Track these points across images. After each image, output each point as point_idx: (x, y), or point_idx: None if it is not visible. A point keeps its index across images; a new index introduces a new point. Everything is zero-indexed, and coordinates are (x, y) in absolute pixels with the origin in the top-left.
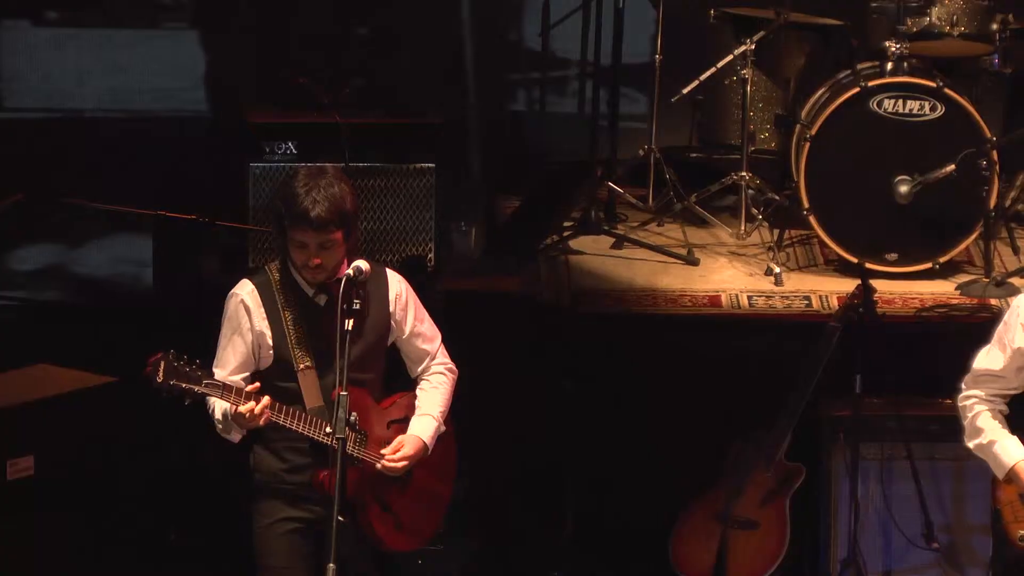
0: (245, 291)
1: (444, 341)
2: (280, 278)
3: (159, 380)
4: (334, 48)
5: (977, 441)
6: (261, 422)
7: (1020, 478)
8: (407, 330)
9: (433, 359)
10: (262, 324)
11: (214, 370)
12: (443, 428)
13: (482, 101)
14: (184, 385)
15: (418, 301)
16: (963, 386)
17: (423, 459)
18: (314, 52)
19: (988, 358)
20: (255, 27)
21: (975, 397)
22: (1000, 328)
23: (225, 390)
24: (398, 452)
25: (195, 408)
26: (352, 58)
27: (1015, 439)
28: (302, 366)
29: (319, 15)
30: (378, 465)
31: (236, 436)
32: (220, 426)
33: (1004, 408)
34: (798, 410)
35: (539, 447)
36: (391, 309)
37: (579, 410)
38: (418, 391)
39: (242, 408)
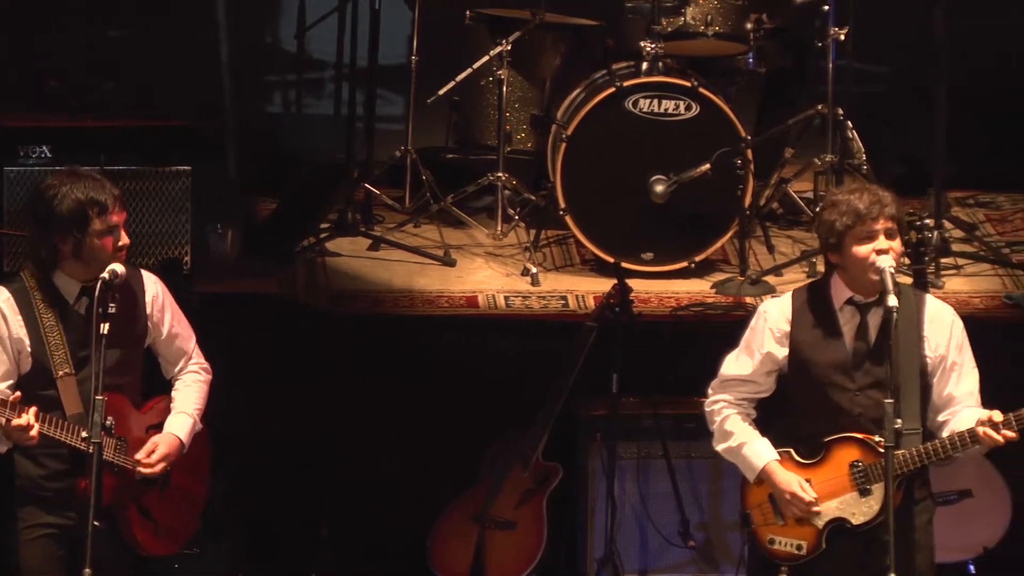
0: (1, 298)
1: (201, 343)
2: (37, 284)
3: None
4: (88, 50)
5: (727, 444)
6: (34, 442)
7: (771, 478)
8: (164, 331)
9: (189, 359)
10: (20, 331)
11: None
12: (199, 426)
13: (238, 103)
14: None
15: (174, 302)
16: (710, 391)
17: (180, 458)
18: (68, 54)
19: (737, 363)
20: (6, 29)
21: (723, 401)
22: (747, 334)
23: None
24: (154, 453)
25: None
26: (107, 60)
27: (765, 441)
28: (61, 373)
29: (74, 17)
30: (137, 471)
31: (2, 447)
32: None
33: (752, 412)
34: (555, 410)
35: (297, 448)
36: (148, 311)
37: (337, 410)
38: (173, 392)
39: (17, 422)
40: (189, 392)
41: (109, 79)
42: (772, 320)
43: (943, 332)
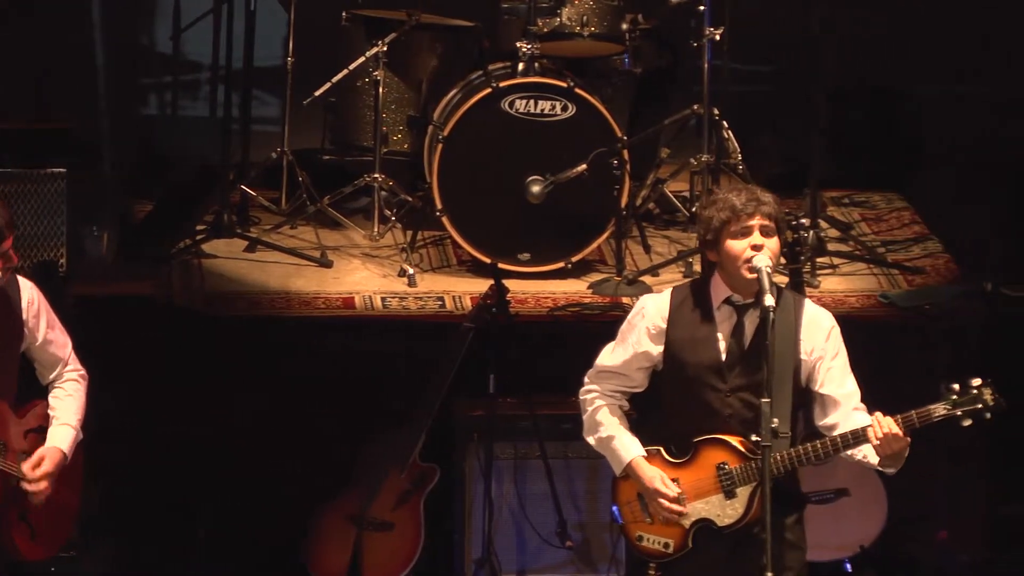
0: None
1: (77, 346)
2: None
3: None
4: None
5: (596, 435)
6: None
7: (637, 473)
8: (40, 338)
9: (66, 365)
10: None
11: None
12: (80, 436)
13: (114, 105)
14: None
15: (49, 308)
16: (586, 379)
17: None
18: None
19: (612, 355)
20: None
21: (596, 392)
22: (625, 327)
23: None
24: (39, 468)
25: None
26: None
27: (633, 437)
28: None
29: None
30: (24, 486)
31: None
32: None
33: (625, 404)
34: (432, 411)
35: (173, 451)
36: (24, 317)
37: (214, 413)
38: (52, 399)
39: None
40: (70, 402)
41: None
42: (649, 317)
43: (820, 335)
